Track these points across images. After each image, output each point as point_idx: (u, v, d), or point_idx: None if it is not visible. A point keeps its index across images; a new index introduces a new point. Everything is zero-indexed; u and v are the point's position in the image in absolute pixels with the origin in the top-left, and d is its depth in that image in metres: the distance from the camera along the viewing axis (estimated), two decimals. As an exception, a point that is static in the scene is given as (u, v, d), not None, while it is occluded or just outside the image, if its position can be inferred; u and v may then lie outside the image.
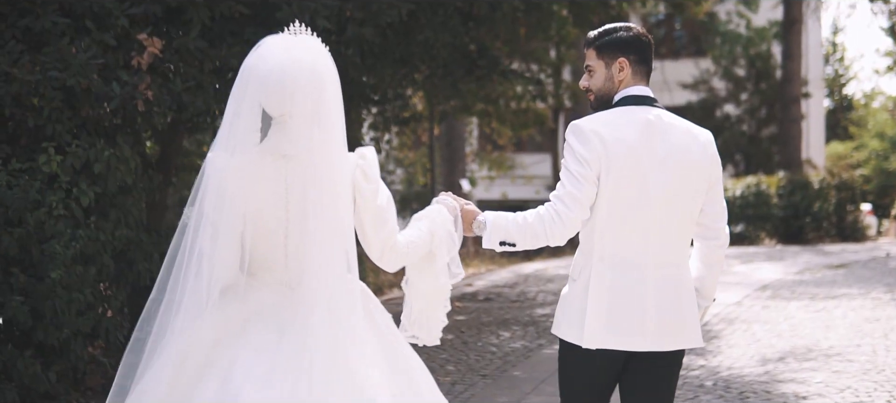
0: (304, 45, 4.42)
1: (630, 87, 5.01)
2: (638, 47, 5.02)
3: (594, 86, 5.06)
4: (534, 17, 16.02)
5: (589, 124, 4.90)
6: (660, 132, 4.89)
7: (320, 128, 4.36)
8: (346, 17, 10.87)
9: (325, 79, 4.38)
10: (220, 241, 4.34)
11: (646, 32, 5.07)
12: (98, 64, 9.28)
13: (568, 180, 4.84)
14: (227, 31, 10.29)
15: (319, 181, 4.36)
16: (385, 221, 4.55)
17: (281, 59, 4.32)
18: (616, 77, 5.01)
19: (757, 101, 42.06)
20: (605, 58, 5.02)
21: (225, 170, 4.31)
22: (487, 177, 39.53)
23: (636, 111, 4.96)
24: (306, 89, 4.31)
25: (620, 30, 5.03)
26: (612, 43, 5.01)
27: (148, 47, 9.54)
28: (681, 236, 4.99)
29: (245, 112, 4.31)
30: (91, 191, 9.26)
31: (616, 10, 18.48)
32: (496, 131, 30.20)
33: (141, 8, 9.70)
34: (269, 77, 4.28)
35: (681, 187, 4.91)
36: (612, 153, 4.85)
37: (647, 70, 5.05)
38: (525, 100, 22.01)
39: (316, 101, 4.35)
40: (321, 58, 4.42)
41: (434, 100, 20.69)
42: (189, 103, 9.80)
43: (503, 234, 4.89)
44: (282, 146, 4.39)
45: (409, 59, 13.99)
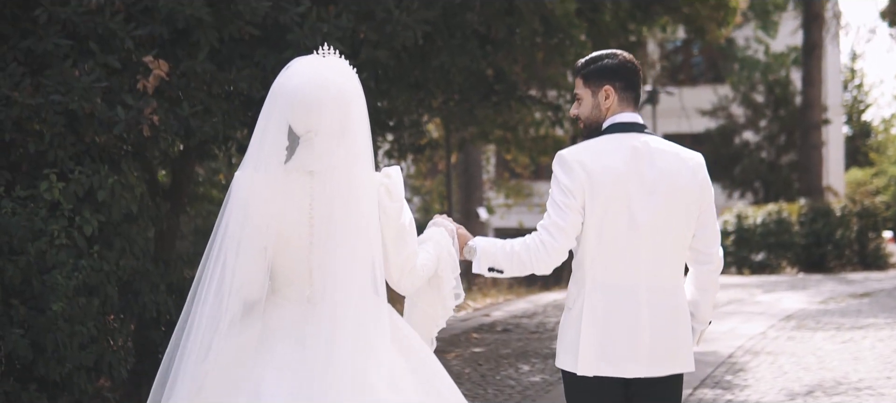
0: (331, 65, 4.52)
1: (617, 115, 5.06)
2: (624, 74, 5.07)
3: (582, 114, 5.13)
4: (553, 39, 15.62)
5: (573, 154, 4.97)
6: (647, 158, 4.93)
7: (346, 146, 4.45)
8: (359, 39, 10.55)
9: (351, 98, 4.47)
10: (243, 256, 4.41)
11: (632, 59, 5.13)
12: (102, 87, 8.99)
13: (553, 210, 4.92)
14: (236, 54, 9.97)
15: (344, 197, 4.43)
16: (406, 243, 4.61)
17: (308, 78, 4.41)
18: (603, 104, 5.06)
19: (776, 128, 41.68)
20: (591, 86, 5.08)
21: (249, 187, 4.40)
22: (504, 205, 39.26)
23: (623, 138, 5.00)
24: (332, 107, 4.40)
25: (606, 57, 5.10)
26: (597, 71, 5.07)
27: (154, 70, 9.24)
28: (673, 261, 5.03)
29: (272, 130, 4.41)
30: (94, 219, 8.98)
31: (635, 35, 18.13)
32: (514, 159, 29.92)
33: (147, 30, 9.40)
34: (295, 95, 4.37)
35: (671, 213, 4.94)
36: (598, 181, 4.91)
37: (634, 96, 5.10)
38: (543, 127, 21.70)
39: (342, 119, 4.43)
40: (348, 77, 4.52)
41: (451, 126, 20.46)
42: (197, 128, 9.49)
43: (491, 261, 4.99)
44: (308, 163, 4.47)
45: (424, 83, 13.65)
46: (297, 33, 9.76)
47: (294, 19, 9.77)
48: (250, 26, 9.74)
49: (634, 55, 5.45)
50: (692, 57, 49.69)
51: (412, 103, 15.07)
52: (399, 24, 10.51)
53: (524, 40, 14.42)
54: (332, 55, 4.58)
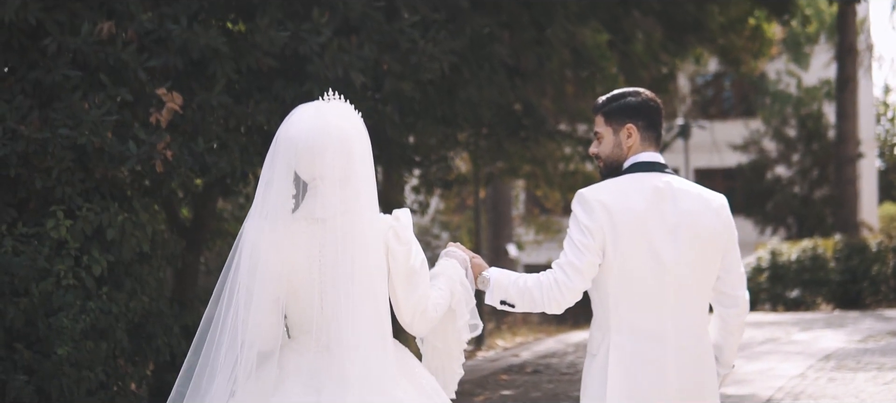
0: (334, 109, 4.49)
1: (639, 154, 4.97)
2: (646, 113, 4.98)
3: (603, 152, 5.03)
4: (583, 71, 15.22)
5: (594, 193, 4.89)
6: (670, 199, 4.86)
7: (350, 191, 4.44)
8: (382, 70, 10.14)
9: (353, 142, 4.45)
10: (255, 307, 4.41)
11: (655, 97, 5.05)
12: (112, 121, 8.69)
13: (570, 249, 4.85)
14: (254, 87, 9.63)
15: (351, 243, 4.41)
16: (416, 285, 4.56)
17: (310, 124, 4.41)
18: (624, 143, 4.98)
19: (809, 162, 41.05)
20: (612, 124, 4.99)
21: (258, 238, 4.39)
22: (534, 242, 38.90)
23: (645, 178, 4.92)
24: (334, 152, 4.39)
25: (628, 95, 5.02)
26: (619, 109, 4.98)
27: (167, 103, 8.93)
28: (698, 304, 4.95)
29: (277, 178, 4.41)
30: (103, 258, 8.69)
31: (668, 66, 17.74)
32: (544, 194, 29.62)
33: (160, 61, 9.06)
34: (298, 141, 4.37)
35: (694, 254, 4.87)
36: (619, 222, 4.83)
37: (656, 136, 5.02)
38: (573, 162, 21.32)
39: (345, 164, 4.43)
40: (350, 121, 4.49)
41: (479, 161, 20.19)
42: (213, 164, 9.15)
43: (503, 294, 4.91)
44: (315, 210, 4.45)
45: (451, 118, 13.23)
46: (317, 64, 9.41)
47: (314, 50, 9.42)
48: (268, 57, 9.39)
49: (665, 88, 5.51)
50: (723, 90, 49.27)
51: (439, 137, 14.68)
52: (424, 55, 10.13)
53: (554, 73, 13.99)
54: (335, 100, 4.52)
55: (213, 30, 8.99)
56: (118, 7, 9.16)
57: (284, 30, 9.29)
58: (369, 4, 9.89)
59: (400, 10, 10.37)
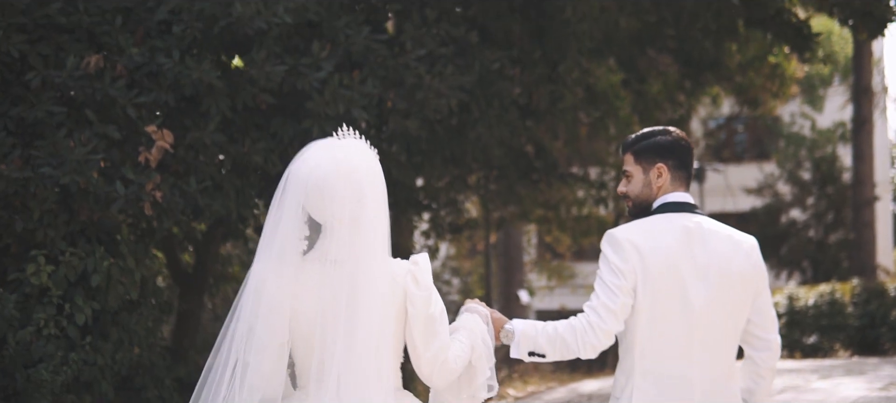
0: (346, 147, 4.36)
1: (669, 194, 4.91)
2: (677, 152, 4.92)
3: (632, 192, 4.97)
4: (597, 110, 14.78)
5: (624, 233, 4.81)
6: (700, 240, 4.78)
7: (364, 233, 4.31)
8: (386, 108, 9.66)
9: (364, 183, 4.31)
10: (259, 350, 4.29)
11: (685, 136, 4.98)
12: (99, 160, 8.32)
13: (602, 291, 4.76)
14: (250, 124, 9.23)
15: (363, 289, 4.28)
16: (436, 333, 4.40)
17: (320, 163, 4.28)
18: (654, 183, 4.91)
19: (823, 206, 40.62)
20: (642, 163, 4.93)
21: (265, 279, 4.27)
22: (546, 287, 38.48)
23: (675, 218, 4.85)
24: (344, 193, 4.26)
25: (658, 134, 4.97)
26: (650, 147, 4.92)
27: (157, 141, 8.56)
28: (727, 348, 4.85)
29: (286, 218, 4.29)
30: (88, 306, 8.35)
31: (684, 107, 17.29)
32: (555, 239, 29.30)
33: (151, 96, 8.68)
34: (308, 181, 4.25)
35: (724, 297, 4.78)
36: (650, 263, 4.76)
37: (686, 175, 4.97)
38: (586, 206, 20.98)
39: (355, 206, 4.29)
40: (362, 160, 4.35)
41: (490, 205, 19.80)
42: (206, 206, 8.75)
43: (532, 344, 4.80)
44: (327, 252, 4.31)
45: (460, 158, 12.73)
46: (317, 101, 9.00)
47: (313, 86, 9.00)
48: (265, 93, 8.94)
49: (681, 130, 5.18)
50: (736, 134, 48.97)
51: (448, 180, 14.21)
52: (431, 91, 9.69)
53: (566, 112, 13.50)
54: (350, 136, 4.39)
55: (207, 64, 8.52)
56: (107, 40, 8.77)
57: (282, 64, 8.79)
58: (372, 38, 9.41)
59: (405, 44, 9.87)
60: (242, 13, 8.58)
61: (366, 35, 9.33)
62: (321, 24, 9.32)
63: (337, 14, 9.41)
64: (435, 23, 10.17)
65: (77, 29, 8.71)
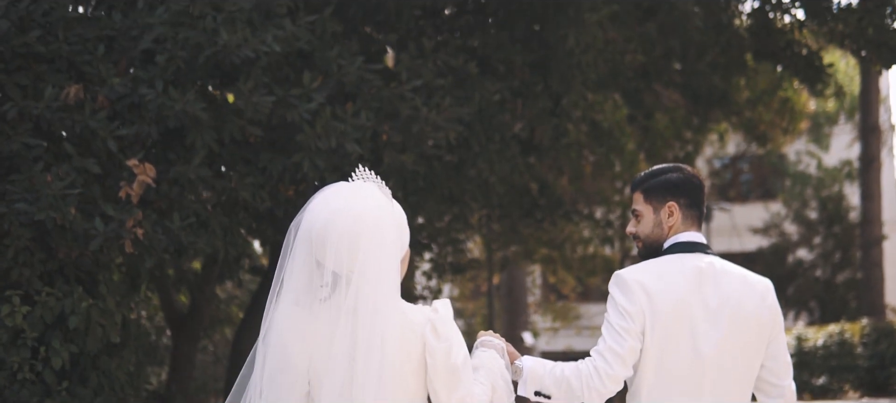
0: (355, 192, 4.24)
1: (680, 234, 4.81)
2: (689, 190, 4.84)
3: (642, 232, 4.89)
4: (602, 146, 14.47)
5: (633, 274, 4.72)
6: (712, 281, 4.69)
7: (373, 281, 4.16)
8: (381, 141, 9.24)
9: (371, 229, 4.17)
10: None
11: (697, 174, 4.95)
12: (77, 195, 7.94)
13: (609, 334, 4.66)
14: (238, 158, 8.88)
15: (374, 338, 4.15)
16: (460, 382, 4.28)
17: (325, 209, 4.18)
18: (665, 222, 4.83)
19: (830, 245, 40.35)
20: (653, 202, 4.85)
21: (281, 331, 4.17)
22: (551, 329, 38.22)
23: (686, 259, 4.76)
24: (350, 240, 4.13)
25: (669, 171, 4.89)
26: (660, 186, 4.86)
27: (139, 175, 8.20)
28: (739, 395, 4.74)
29: (298, 266, 4.19)
30: (65, 349, 7.96)
31: (692, 144, 16.98)
32: (560, 279, 29.07)
33: (133, 129, 8.28)
34: (312, 228, 4.14)
35: (737, 342, 4.67)
36: (659, 306, 4.66)
37: (698, 214, 4.89)
38: (592, 245, 20.80)
39: (365, 252, 4.15)
40: (370, 204, 4.21)
41: (492, 245, 19.53)
42: (190, 244, 8.34)
43: (538, 384, 4.72)
44: (342, 300, 4.18)
45: (460, 196, 12.34)
46: (307, 134, 8.65)
47: (304, 117, 8.59)
48: (253, 126, 8.50)
49: None
50: (741, 173, 48.82)
51: (449, 218, 13.86)
52: (428, 124, 9.31)
53: (570, 148, 13.16)
54: (364, 179, 4.31)
55: (191, 94, 8.13)
56: (87, 70, 8.43)
57: (270, 95, 8.40)
58: (366, 68, 9.02)
59: (400, 74, 9.48)
60: (228, 42, 8.18)
61: (359, 65, 8.93)
62: (313, 53, 8.94)
63: (329, 43, 9.02)
64: (432, 53, 9.79)
65: (56, 58, 8.35)
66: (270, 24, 8.56)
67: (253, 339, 4.40)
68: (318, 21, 9.03)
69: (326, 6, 9.20)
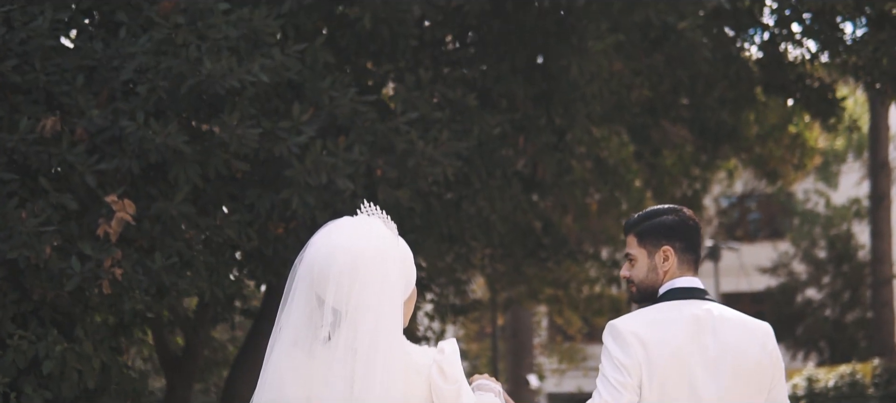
0: (357, 227, 4.17)
1: (676, 279, 4.71)
2: (684, 233, 4.73)
3: (636, 277, 4.78)
4: (607, 184, 14.14)
5: (628, 324, 4.61)
6: (711, 329, 4.57)
7: (374, 320, 4.06)
8: (376, 177, 8.86)
9: (371, 263, 4.09)
10: None
11: (693, 216, 4.83)
12: (52, 233, 7.58)
13: (604, 388, 4.56)
14: (224, 195, 8.49)
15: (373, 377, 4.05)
16: None
17: (331, 243, 4.11)
18: (660, 267, 4.72)
19: (840, 285, 40.12)
20: (647, 245, 4.74)
21: (281, 373, 4.12)
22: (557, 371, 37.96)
23: (683, 306, 4.65)
24: (351, 277, 4.05)
25: (664, 213, 4.77)
26: (655, 228, 4.74)
27: (118, 212, 7.80)
28: None
29: (297, 304, 4.13)
30: (39, 396, 7.65)
31: (700, 181, 16.67)
32: (566, 321, 28.86)
33: (113, 163, 7.89)
34: (313, 264, 4.10)
35: (739, 392, 4.58)
36: (655, 357, 4.54)
37: (694, 258, 4.78)
38: (598, 285, 20.59)
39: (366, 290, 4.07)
40: (373, 240, 4.13)
41: (496, 285, 19.25)
42: (172, 285, 7.95)
43: None
44: (341, 340, 4.10)
45: (460, 235, 11.95)
46: (297, 169, 8.23)
47: (293, 151, 8.17)
48: (239, 160, 8.08)
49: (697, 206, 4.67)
50: (749, 212, 48.71)
51: (451, 258, 13.51)
52: (424, 158, 8.88)
53: (575, 185, 12.81)
54: (369, 215, 4.25)
55: (173, 127, 7.73)
56: (66, 101, 8.04)
57: (257, 127, 8.00)
58: (360, 100, 8.63)
59: (395, 106, 9.10)
60: (213, 71, 7.79)
61: (352, 96, 8.55)
62: (303, 84, 8.56)
63: (321, 74, 8.65)
64: (429, 84, 9.40)
65: (33, 88, 7.99)
66: (258, 54, 8.19)
67: (245, 382, 4.09)
68: (309, 50, 8.66)
69: (318, 35, 8.84)
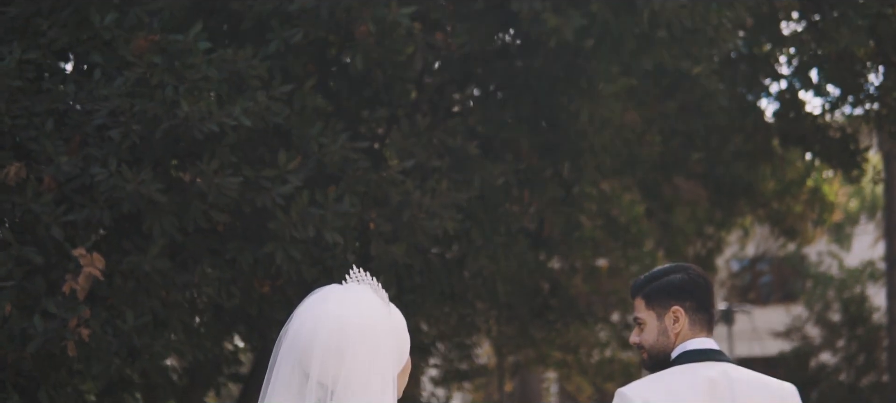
0: (345, 295, 3.89)
1: (689, 341, 4.50)
2: (694, 292, 4.53)
3: (646, 341, 4.55)
4: (617, 242, 13.58)
5: (638, 392, 4.44)
6: (728, 393, 4.41)
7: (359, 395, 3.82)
8: (368, 231, 8.29)
9: (358, 335, 3.82)
10: None
11: (703, 273, 4.62)
12: (14, 289, 7.11)
13: None
14: (203, 248, 7.89)
15: None
16: None
17: (315, 313, 3.85)
18: (671, 329, 4.53)
19: (854, 348, 39.81)
20: (655, 307, 4.55)
21: None
22: (568, 438, 37.73)
23: (698, 369, 4.47)
24: (336, 348, 3.79)
25: (671, 272, 4.60)
26: (662, 288, 4.55)
27: (85, 267, 7.19)
28: None
29: (284, 377, 3.86)
30: None
31: (713, 240, 16.23)
32: (577, 387, 28.61)
33: (82, 214, 7.33)
34: (297, 336, 3.83)
35: None
36: None
37: (707, 318, 4.56)
38: (609, 348, 20.23)
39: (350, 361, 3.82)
40: (361, 309, 3.86)
41: (503, 349, 18.80)
42: (144, 347, 7.31)
43: None
44: None
45: (462, 295, 11.34)
46: (281, 221, 7.67)
47: (277, 202, 7.62)
48: (219, 211, 7.49)
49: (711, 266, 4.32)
50: (761, 275, 48.47)
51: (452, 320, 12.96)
52: (421, 211, 8.31)
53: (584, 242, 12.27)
54: (361, 281, 3.92)
55: (147, 174, 7.14)
56: (33, 147, 7.51)
57: (237, 175, 7.42)
58: (351, 146, 8.07)
59: (390, 154, 8.53)
60: (190, 114, 7.23)
61: (343, 143, 7.97)
62: (290, 130, 7.98)
63: (310, 119, 8.07)
64: (427, 131, 8.81)
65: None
66: (241, 97, 7.62)
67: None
68: (297, 93, 8.09)
69: (307, 78, 8.28)
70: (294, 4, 8.13)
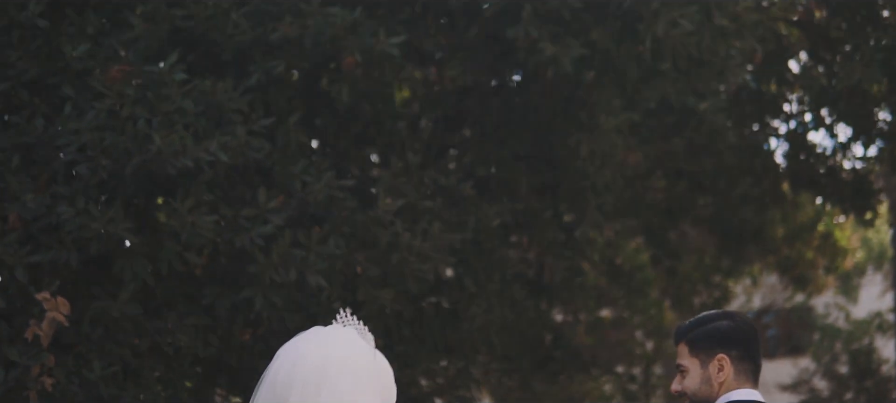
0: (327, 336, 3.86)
1: (733, 391, 4.43)
2: (741, 340, 4.45)
3: (689, 389, 4.48)
4: (621, 290, 13.14)
5: None
6: None
7: None
8: (356, 275, 7.89)
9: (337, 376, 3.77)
10: None
11: (750, 321, 4.60)
12: None
13: None
14: (177, 293, 7.47)
15: None
16: None
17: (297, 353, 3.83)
18: (715, 378, 4.44)
19: (863, 401, 39.56)
20: (700, 355, 4.46)
21: None
22: None
23: None
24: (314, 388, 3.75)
25: (719, 318, 4.52)
26: (708, 335, 4.47)
27: (50, 312, 6.79)
28: None
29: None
30: None
31: (720, 290, 16.25)
32: None
33: (48, 255, 6.95)
34: (277, 376, 3.82)
35: None
36: None
37: (753, 368, 4.47)
38: (615, 402, 19.75)
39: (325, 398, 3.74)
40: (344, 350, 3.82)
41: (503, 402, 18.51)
42: (112, 398, 7.00)
43: None
44: None
45: (457, 346, 10.94)
46: (261, 263, 7.26)
47: (257, 244, 7.25)
48: (193, 253, 7.09)
49: None
50: (768, 328, 48.25)
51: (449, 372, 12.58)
52: (412, 254, 7.93)
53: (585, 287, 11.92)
54: (347, 324, 3.90)
55: (117, 211, 6.74)
56: (-3, 185, 7.09)
57: (213, 214, 7.02)
58: (337, 185, 7.69)
59: (379, 194, 8.14)
60: (163, 148, 6.84)
61: (328, 181, 7.60)
62: (272, 167, 7.61)
63: (293, 156, 7.69)
64: (418, 169, 8.42)
65: (-40, 170, 7.10)
66: (218, 131, 7.23)
67: None
68: (280, 128, 7.70)
69: (291, 112, 7.89)
70: (277, 34, 7.78)
